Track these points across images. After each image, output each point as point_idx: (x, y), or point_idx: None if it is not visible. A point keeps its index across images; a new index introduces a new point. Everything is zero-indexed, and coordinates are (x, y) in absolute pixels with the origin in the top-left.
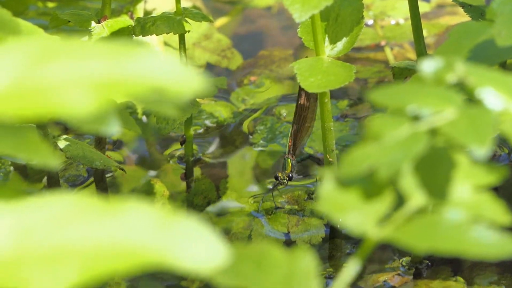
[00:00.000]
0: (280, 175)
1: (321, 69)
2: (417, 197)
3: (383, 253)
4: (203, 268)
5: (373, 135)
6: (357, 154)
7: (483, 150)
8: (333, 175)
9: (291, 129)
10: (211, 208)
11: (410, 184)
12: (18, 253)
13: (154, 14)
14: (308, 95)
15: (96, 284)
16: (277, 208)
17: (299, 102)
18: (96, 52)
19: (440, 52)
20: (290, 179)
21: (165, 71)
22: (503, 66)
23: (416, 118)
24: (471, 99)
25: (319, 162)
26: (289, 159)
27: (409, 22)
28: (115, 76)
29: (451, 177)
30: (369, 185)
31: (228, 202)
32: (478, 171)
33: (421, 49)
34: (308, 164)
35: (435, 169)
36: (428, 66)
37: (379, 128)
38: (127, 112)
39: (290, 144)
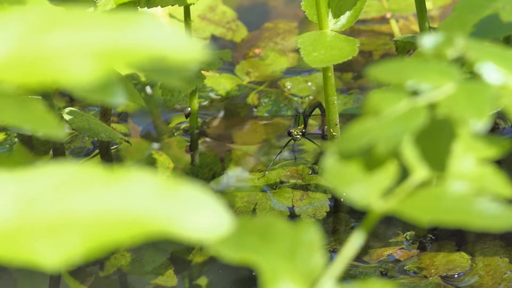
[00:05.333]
0: (293, 131)
1: (325, 43)
2: (420, 170)
3: (387, 228)
4: (206, 237)
5: (372, 110)
6: (357, 129)
7: (481, 123)
8: (336, 148)
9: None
10: (216, 181)
11: (412, 157)
12: (22, 222)
13: None
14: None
15: (100, 253)
16: (281, 182)
17: None
18: (98, 21)
19: (444, 26)
20: (303, 135)
21: (168, 41)
22: (508, 40)
23: (415, 93)
24: (472, 74)
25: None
26: (301, 115)
27: None
28: (117, 45)
29: (451, 149)
30: (371, 159)
31: (233, 175)
32: (481, 144)
33: (424, 23)
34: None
35: (435, 142)
36: (428, 41)
37: (378, 103)
38: (131, 83)
39: (309, 107)
